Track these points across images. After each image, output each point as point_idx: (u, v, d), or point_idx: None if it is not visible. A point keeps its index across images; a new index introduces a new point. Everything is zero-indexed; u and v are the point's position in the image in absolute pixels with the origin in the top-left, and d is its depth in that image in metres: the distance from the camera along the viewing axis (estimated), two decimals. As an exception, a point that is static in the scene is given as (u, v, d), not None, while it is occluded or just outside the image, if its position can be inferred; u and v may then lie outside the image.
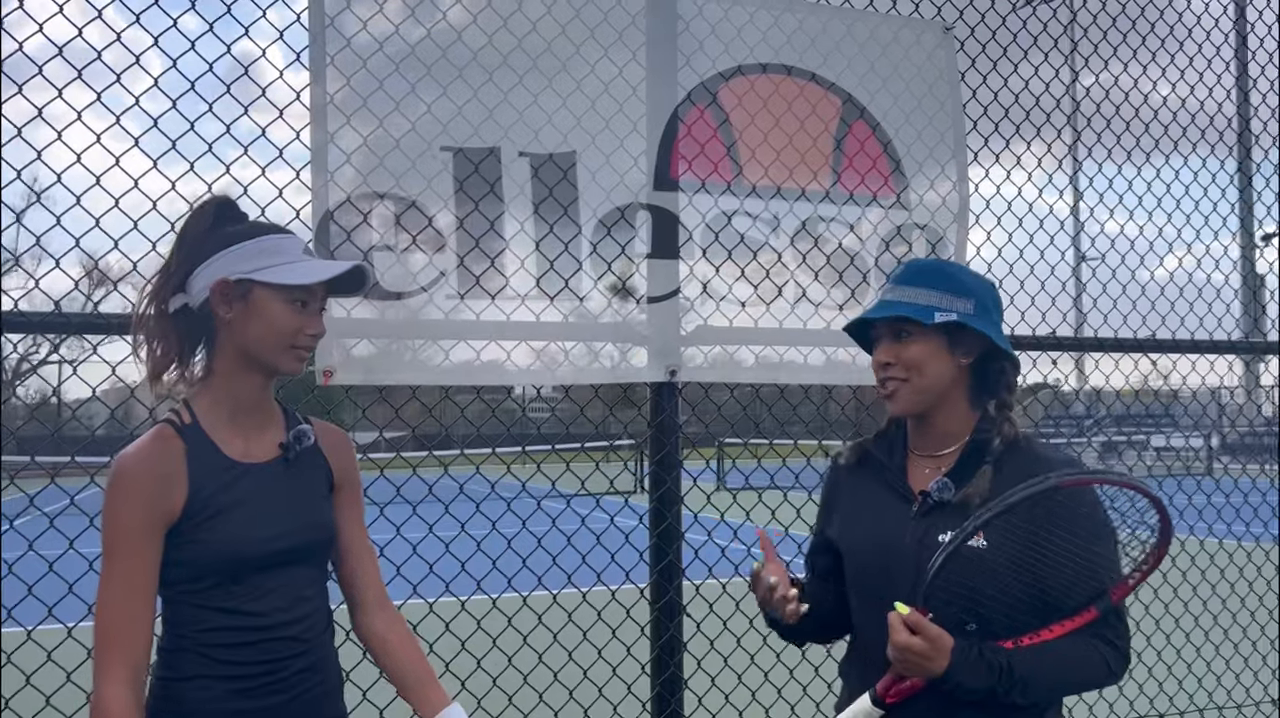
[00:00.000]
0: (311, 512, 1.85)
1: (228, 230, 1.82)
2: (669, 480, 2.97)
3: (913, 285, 1.93)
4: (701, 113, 3.07)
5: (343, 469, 1.94)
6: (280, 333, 1.77)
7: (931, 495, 1.86)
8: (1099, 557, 1.80)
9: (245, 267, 1.76)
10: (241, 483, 1.77)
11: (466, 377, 2.83)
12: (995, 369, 1.94)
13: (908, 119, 3.31)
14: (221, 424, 1.79)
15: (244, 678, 1.75)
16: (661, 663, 2.94)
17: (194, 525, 1.71)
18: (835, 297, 3.20)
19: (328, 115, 2.66)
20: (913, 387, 1.89)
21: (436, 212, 2.78)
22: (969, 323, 1.88)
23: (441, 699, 1.89)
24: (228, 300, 1.76)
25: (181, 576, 1.72)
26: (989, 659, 1.74)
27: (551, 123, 2.89)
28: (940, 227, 3.34)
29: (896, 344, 1.91)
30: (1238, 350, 3.99)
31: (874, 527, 1.95)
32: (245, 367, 1.79)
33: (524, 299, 2.86)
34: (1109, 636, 1.81)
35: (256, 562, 1.76)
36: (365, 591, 1.97)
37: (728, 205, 3.08)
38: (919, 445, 1.99)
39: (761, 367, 3.11)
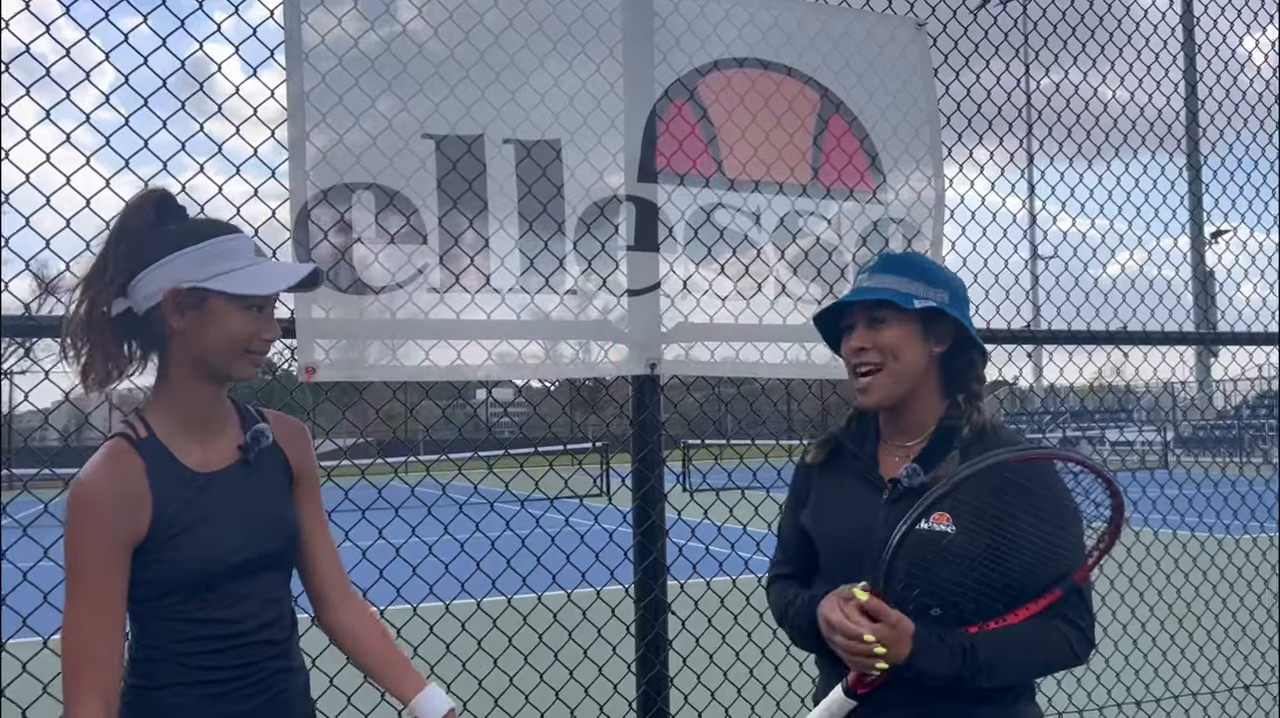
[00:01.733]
0: (277, 514, 1.82)
1: (172, 230, 1.73)
2: (652, 478, 2.96)
3: (889, 273, 1.97)
4: (680, 108, 3.06)
5: (300, 460, 1.90)
6: (236, 340, 1.72)
7: (901, 482, 1.88)
8: (1063, 539, 1.82)
9: (199, 274, 1.68)
10: (204, 496, 1.72)
11: (447, 374, 2.80)
12: (965, 360, 1.97)
13: (883, 114, 3.33)
14: (178, 433, 1.74)
15: (220, 683, 1.72)
16: (647, 662, 2.92)
17: (160, 544, 1.67)
18: (813, 292, 3.21)
19: (305, 111, 2.62)
20: (889, 373, 1.91)
21: (418, 206, 2.74)
22: (946, 310, 1.91)
23: (418, 681, 1.86)
24: (180, 309, 1.69)
25: (150, 593, 1.68)
26: (951, 644, 1.75)
27: (530, 119, 2.87)
28: (916, 221, 3.36)
29: (872, 330, 1.93)
30: (1188, 341, 4.04)
31: (846, 515, 1.97)
32: (199, 375, 1.73)
33: (504, 296, 2.83)
34: (1071, 616, 1.84)
35: (227, 573, 1.72)
36: (329, 583, 1.94)
37: (707, 200, 3.07)
38: (890, 435, 2.02)
39: (742, 362, 3.10)
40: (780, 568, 2.16)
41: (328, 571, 1.93)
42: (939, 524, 1.81)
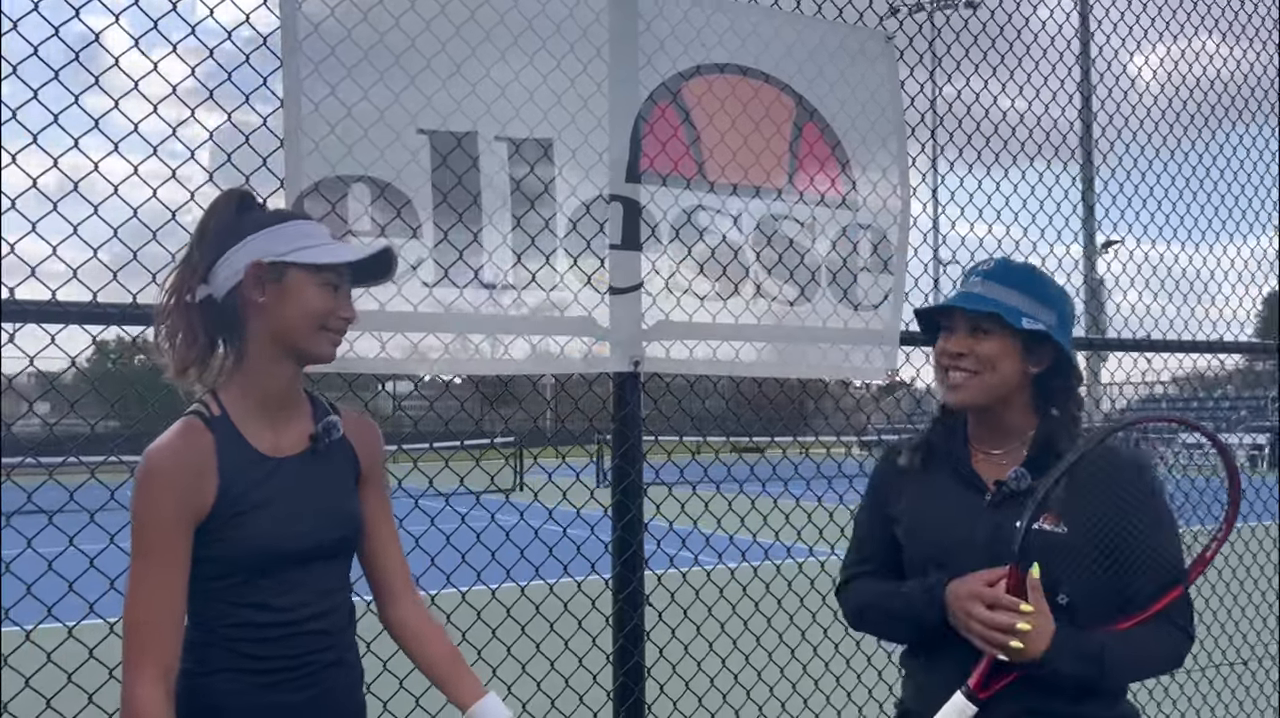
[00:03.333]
0: (340, 506, 1.84)
1: (254, 216, 1.80)
2: (633, 473, 3.01)
3: (1002, 284, 1.94)
4: (664, 110, 3.12)
5: (370, 460, 1.93)
6: (314, 315, 1.76)
7: (1008, 485, 1.87)
8: (1169, 542, 1.87)
9: (279, 248, 1.74)
10: (271, 479, 1.75)
11: (451, 367, 2.82)
12: (1060, 383, 1.96)
13: (853, 123, 3.44)
14: (250, 416, 1.76)
15: (271, 673, 1.74)
16: (625, 653, 2.97)
17: (224, 522, 1.69)
18: (787, 293, 3.30)
19: (300, 102, 2.60)
20: (982, 381, 1.91)
21: (410, 199, 2.74)
22: (1053, 335, 1.90)
23: (477, 687, 1.90)
24: (261, 284, 1.74)
25: (210, 572, 1.70)
26: (1086, 647, 1.77)
27: (520, 117, 2.89)
28: (883, 227, 3.48)
29: (972, 338, 1.91)
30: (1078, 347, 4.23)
31: (946, 517, 1.94)
32: (277, 354, 1.77)
33: (493, 292, 2.85)
34: (1178, 619, 1.86)
35: (286, 559, 1.75)
36: (393, 581, 1.97)
37: (688, 202, 3.14)
38: (981, 439, 2.00)
39: (719, 361, 3.18)
40: (858, 567, 2.12)
41: (392, 566, 1.97)
42: (1049, 525, 1.82)
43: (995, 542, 1.83)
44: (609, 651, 2.99)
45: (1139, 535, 1.81)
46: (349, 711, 1.88)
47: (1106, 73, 4.19)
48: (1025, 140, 3.91)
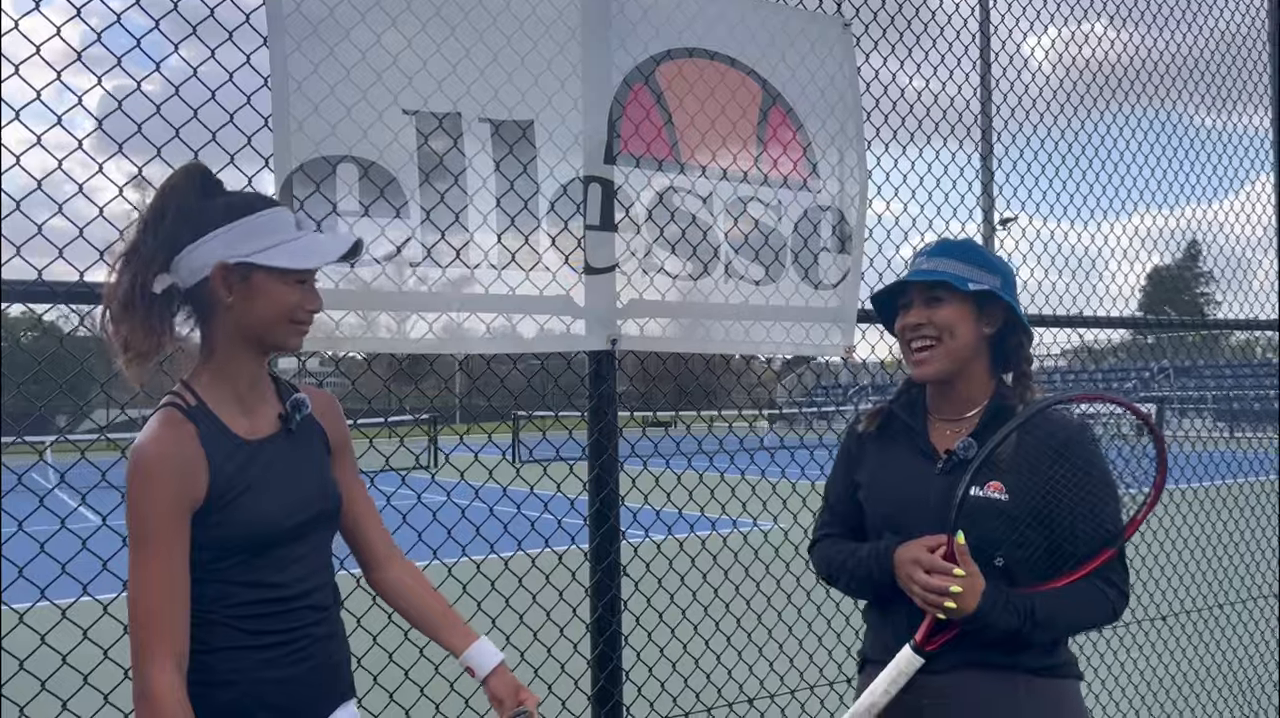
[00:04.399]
0: (320, 480, 1.90)
1: (216, 204, 1.78)
2: (609, 448, 3.09)
3: (946, 257, 2.13)
4: (638, 93, 3.18)
5: (336, 432, 1.99)
6: (282, 312, 1.79)
7: (957, 453, 2.04)
8: (1106, 506, 2.02)
9: (244, 249, 1.74)
10: (255, 461, 1.79)
11: (435, 346, 2.85)
12: (1014, 342, 2.15)
13: (814, 108, 3.56)
14: (224, 402, 1.80)
15: (272, 648, 1.79)
16: (603, 623, 3.06)
17: (217, 508, 1.73)
18: (753, 273, 3.41)
19: (287, 83, 2.59)
20: (944, 349, 2.08)
21: (394, 177, 2.76)
22: (1000, 294, 2.09)
23: (469, 634, 1.99)
24: (228, 284, 1.75)
25: (207, 556, 1.73)
26: (1015, 603, 1.93)
27: (499, 98, 2.92)
28: (841, 209, 3.61)
29: (929, 308, 2.10)
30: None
31: (900, 483, 2.13)
32: (245, 346, 1.80)
33: (474, 271, 2.89)
34: (1113, 577, 2.03)
35: (280, 536, 1.80)
36: (375, 544, 2.04)
37: (661, 183, 3.21)
38: (939, 409, 2.18)
39: (691, 339, 3.27)
40: (827, 528, 2.31)
41: (372, 531, 2.04)
42: (993, 493, 1.98)
43: (945, 506, 1.99)
44: (587, 621, 3.07)
45: (1077, 500, 1.98)
46: (343, 682, 1.93)
47: (1002, 52, 4.29)
48: (923, 118, 3.97)
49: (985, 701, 1.99)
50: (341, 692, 1.92)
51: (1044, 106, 4.37)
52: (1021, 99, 4.30)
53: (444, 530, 2.81)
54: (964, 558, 1.91)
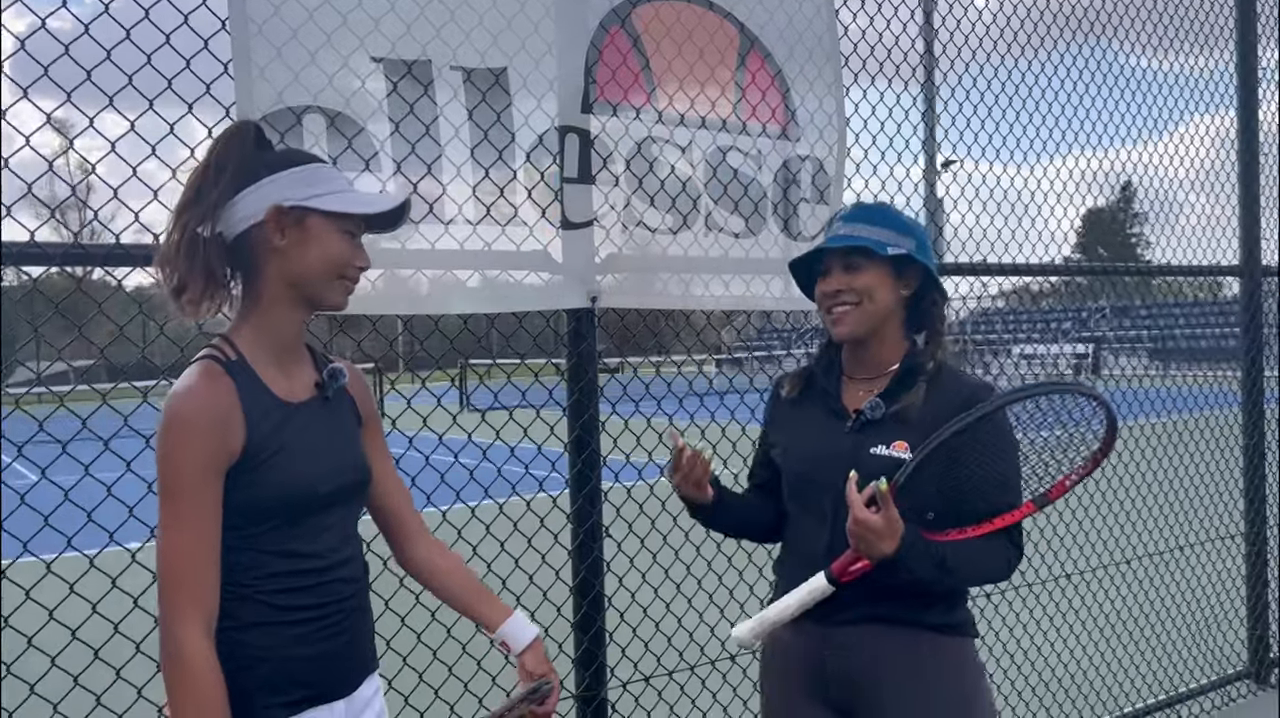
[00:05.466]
0: (353, 450, 1.84)
1: (271, 154, 1.75)
2: (590, 408, 3.01)
3: (863, 223, 2.16)
4: (614, 36, 3.05)
5: (367, 407, 1.93)
6: (334, 263, 1.73)
7: (865, 413, 2.10)
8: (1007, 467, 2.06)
9: (300, 193, 1.69)
10: (291, 423, 1.72)
11: (409, 307, 2.73)
12: (928, 301, 2.19)
13: (791, 53, 3.45)
14: (264, 360, 1.73)
15: (305, 623, 1.71)
16: (586, 584, 3.01)
17: (253, 467, 1.65)
18: (732, 225, 3.32)
19: (248, 26, 2.42)
20: (862, 311, 2.12)
21: (363, 128, 2.61)
22: (915, 257, 2.12)
23: (504, 610, 1.96)
24: (281, 228, 1.68)
25: (240, 520, 1.65)
26: (930, 550, 1.98)
27: (470, 41, 2.77)
28: (820, 158, 3.52)
29: (847, 274, 2.13)
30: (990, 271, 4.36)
31: (812, 441, 2.19)
32: (291, 300, 1.73)
33: (447, 226, 2.76)
34: (1015, 536, 2.09)
35: (315, 502, 1.72)
36: (406, 521, 1.98)
37: (639, 132, 3.10)
38: (854, 370, 2.23)
39: (671, 294, 3.19)
40: (748, 484, 2.42)
41: (401, 508, 1.98)
42: (898, 452, 2.04)
43: (853, 463, 2.03)
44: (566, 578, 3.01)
45: (980, 458, 2.02)
46: (370, 657, 1.87)
47: None
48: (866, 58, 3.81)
49: (887, 655, 2.04)
50: (367, 664, 1.86)
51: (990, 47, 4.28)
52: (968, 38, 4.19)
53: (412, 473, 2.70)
54: (886, 503, 1.92)
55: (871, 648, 2.05)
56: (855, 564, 1.99)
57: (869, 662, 2.05)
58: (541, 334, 3.27)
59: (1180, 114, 4.95)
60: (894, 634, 2.04)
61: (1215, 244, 4.99)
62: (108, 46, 2.32)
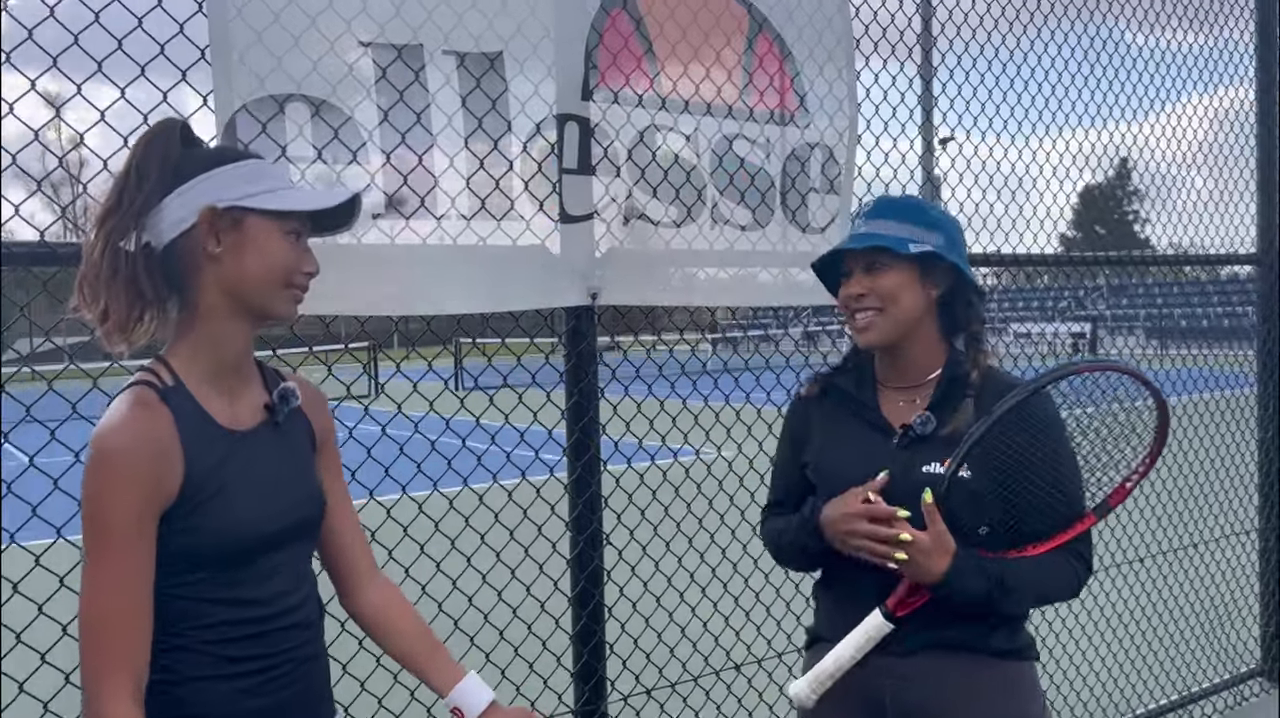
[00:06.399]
0: (306, 482, 1.67)
1: (199, 152, 1.56)
2: (590, 410, 2.87)
3: (885, 219, 1.98)
4: (616, 18, 2.89)
5: (323, 427, 1.75)
6: (277, 268, 1.55)
7: (914, 429, 1.92)
8: (1069, 478, 1.93)
9: (234, 193, 1.51)
10: (236, 455, 1.54)
11: (398, 306, 2.58)
12: (963, 302, 2.01)
13: (801, 35, 3.29)
14: (204, 383, 1.54)
15: (252, 675, 1.54)
16: (585, 558, 2.86)
17: (191, 509, 1.47)
18: (739, 217, 3.17)
19: (227, 9, 2.25)
20: (887, 317, 1.94)
21: (349, 118, 2.46)
22: (942, 254, 1.94)
23: (456, 671, 1.76)
24: (216, 232, 1.51)
25: (176, 567, 1.48)
26: (986, 569, 1.84)
27: (463, 24, 2.61)
28: (830, 145, 3.37)
29: (869, 276, 1.95)
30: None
31: (854, 459, 1.99)
32: (232, 312, 1.55)
33: (440, 222, 2.61)
34: (1079, 549, 1.96)
35: (260, 544, 1.55)
36: (357, 562, 1.79)
37: (641, 120, 2.94)
38: (890, 378, 2.05)
39: (677, 289, 3.04)
40: (774, 508, 2.20)
41: (354, 547, 1.78)
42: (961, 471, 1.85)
43: (904, 482, 1.89)
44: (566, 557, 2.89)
45: (1038, 473, 1.87)
46: (327, 706, 1.72)
47: None
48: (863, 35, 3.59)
49: (950, 684, 1.92)
50: (324, 715, 1.70)
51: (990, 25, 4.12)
52: (968, 17, 4.03)
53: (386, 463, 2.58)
54: (932, 516, 1.80)
55: (935, 678, 1.91)
56: (911, 597, 1.86)
57: (932, 693, 1.91)
58: (539, 330, 3.13)
59: (1181, 91, 4.79)
60: (957, 662, 1.91)
61: (1225, 226, 4.84)
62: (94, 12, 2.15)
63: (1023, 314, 32.55)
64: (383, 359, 24.15)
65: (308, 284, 1.61)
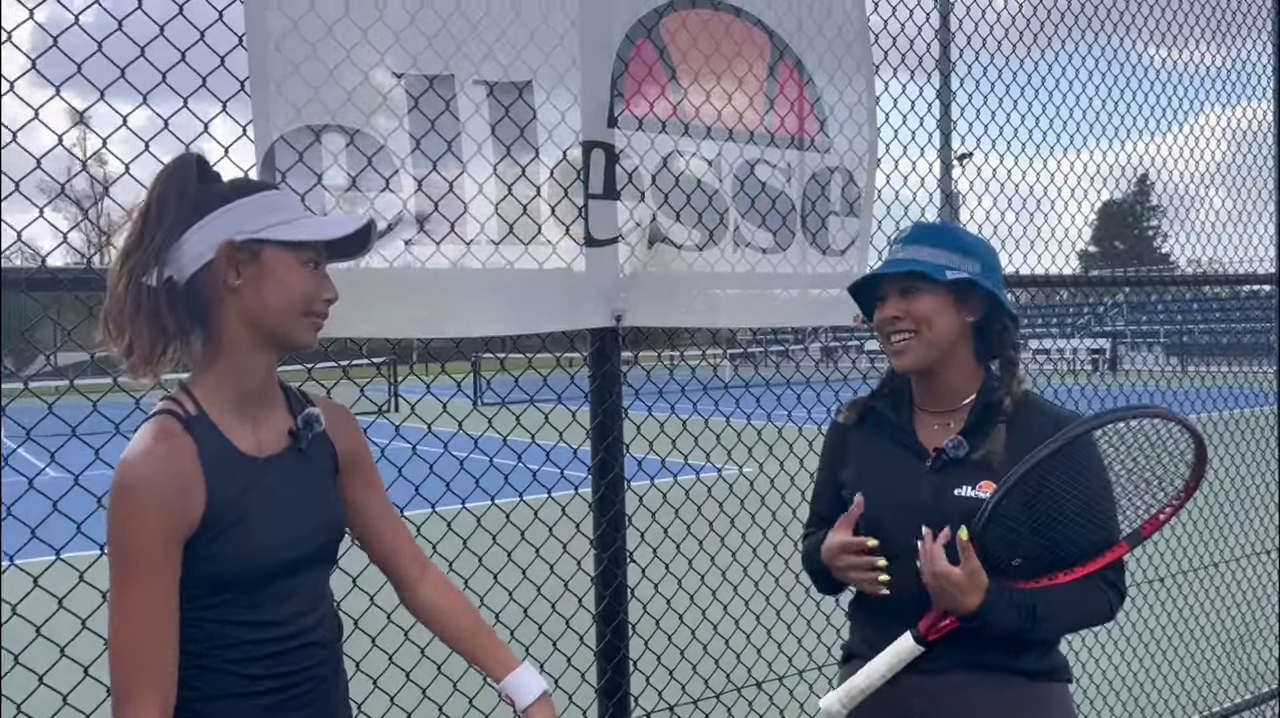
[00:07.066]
0: (328, 506, 1.73)
1: (216, 186, 1.61)
2: (615, 430, 2.92)
3: (921, 244, 2.03)
4: (640, 48, 2.96)
5: (350, 446, 1.80)
6: (296, 298, 1.60)
7: (947, 453, 1.96)
8: (1103, 506, 1.95)
9: (251, 225, 1.57)
10: (259, 483, 1.60)
11: (428, 328, 2.65)
12: (998, 328, 2.05)
13: (821, 61, 3.35)
14: (228, 412, 1.60)
15: (274, 692, 1.61)
16: (609, 574, 2.90)
17: (214, 536, 1.54)
18: (761, 240, 3.23)
19: (266, 40, 2.33)
20: (922, 340, 1.98)
21: (383, 147, 2.53)
22: (978, 281, 1.98)
23: (510, 659, 1.83)
24: (235, 265, 1.56)
25: (200, 591, 1.55)
26: (1018, 600, 1.87)
27: (494, 55, 2.69)
28: (850, 169, 3.42)
29: (904, 300, 1.99)
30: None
31: (889, 482, 2.04)
32: (254, 342, 1.61)
33: (470, 247, 2.68)
34: (1111, 577, 1.98)
35: (280, 569, 1.62)
36: (408, 564, 1.87)
37: (664, 146, 3.00)
38: (926, 402, 2.09)
39: (700, 311, 3.10)
40: (811, 528, 2.24)
41: (404, 549, 1.87)
42: (984, 493, 1.90)
43: (936, 505, 1.93)
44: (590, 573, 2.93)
45: (1074, 500, 1.90)
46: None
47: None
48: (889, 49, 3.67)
49: (979, 703, 1.95)
50: None
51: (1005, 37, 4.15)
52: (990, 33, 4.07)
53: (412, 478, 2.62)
54: (966, 553, 1.83)
55: (964, 697, 1.94)
56: (943, 621, 1.89)
57: (961, 712, 1.95)
58: (564, 347, 3.19)
59: (1200, 107, 4.80)
60: (986, 682, 1.94)
61: (1244, 243, 4.85)
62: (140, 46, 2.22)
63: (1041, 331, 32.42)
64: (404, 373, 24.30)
65: (327, 311, 1.66)
